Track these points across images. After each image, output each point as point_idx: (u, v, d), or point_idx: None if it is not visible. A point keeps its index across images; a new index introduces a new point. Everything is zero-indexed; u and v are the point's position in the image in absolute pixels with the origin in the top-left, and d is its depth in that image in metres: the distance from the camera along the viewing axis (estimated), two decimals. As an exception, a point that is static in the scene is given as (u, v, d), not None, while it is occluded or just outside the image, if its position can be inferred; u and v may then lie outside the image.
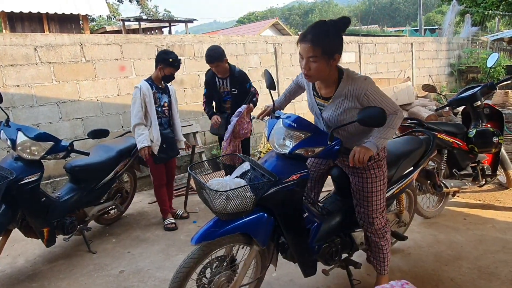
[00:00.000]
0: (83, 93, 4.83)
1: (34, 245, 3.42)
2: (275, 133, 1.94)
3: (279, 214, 1.92)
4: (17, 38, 4.35)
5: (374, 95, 1.87)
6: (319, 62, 1.80)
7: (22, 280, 2.92)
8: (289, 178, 1.85)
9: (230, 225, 1.84)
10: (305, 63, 1.83)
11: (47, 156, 2.93)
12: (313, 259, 2.15)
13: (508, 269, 2.64)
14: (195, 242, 1.81)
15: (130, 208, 4.19)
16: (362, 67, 8.54)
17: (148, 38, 5.47)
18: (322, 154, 1.86)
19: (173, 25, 15.48)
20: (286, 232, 1.98)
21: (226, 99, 3.96)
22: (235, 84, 3.86)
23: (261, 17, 43.72)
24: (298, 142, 1.85)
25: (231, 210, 1.78)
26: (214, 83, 3.92)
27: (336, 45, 1.82)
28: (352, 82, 1.89)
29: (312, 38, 1.77)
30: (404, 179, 2.48)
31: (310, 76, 1.87)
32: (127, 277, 2.87)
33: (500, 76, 10.50)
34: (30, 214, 2.86)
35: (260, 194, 1.84)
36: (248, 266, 1.97)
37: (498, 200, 3.93)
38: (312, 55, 1.79)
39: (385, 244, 2.27)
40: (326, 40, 1.78)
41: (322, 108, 2.03)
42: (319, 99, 2.04)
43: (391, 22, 45.80)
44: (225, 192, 1.76)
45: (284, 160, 1.92)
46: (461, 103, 3.79)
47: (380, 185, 2.12)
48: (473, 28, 14.89)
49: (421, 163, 2.62)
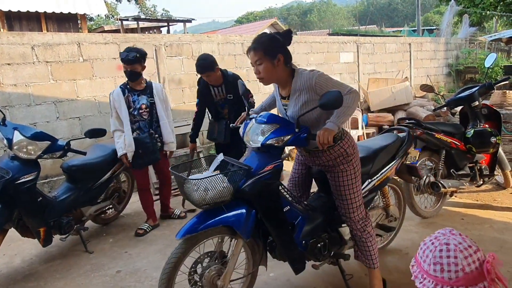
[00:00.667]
0: (81, 92, 4.81)
1: (30, 245, 3.40)
2: (249, 131, 2.09)
3: (258, 205, 2.03)
4: (14, 37, 4.33)
5: (324, 82, 2.03)
6: (264, 64, 2.02)
7: (19, 280, 2.90)
8: (264, 169, 1.99)
9: (213, 219, 1.95)
10: (255, 68, 2.06)
11: (44, 155, 2.92)
12: (300, 252, 2.21)
13: (506, 269, 2.64)
14: (179, 237, 1.93)
15: (128, 208, 4.17)
16: (360, 67, 8.55)
17: (146, 38, 5.46)
18: (291, 141, 2.00)
19: (171, 24, 15.44)
20: (268, 223, 2.08)
21: (224, 105, 3.82)
22: (230, 89, 3.68)
23: (259, 17, 43.71)
24: (268, 134, 2.00)
25: (210, 200, 1.91)
26: (209, 92, 3.74)
27: (276, 46, 2.03)
28: (301, 76, 2.07)
29: (254, 46, 2.03)
30: (382, 171, 2.57)
31: (262, 78, 2.06)
32: (124, 277, 2.86)
33: (498, 76, 10.53)
34: (27, 213, 2.85)
35: (237, 184, 1.96)
36: (236, 256, 2.04)
37: (496, 200, 3.93)
38: (257, 59, 2.02)
39: (368, 237, 2.30)
40: (266, 43, 2.02)
41: (286, 108, 2.19)
42: (283, 101, 2.21)
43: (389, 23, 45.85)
44: (202, 180, 1.88)
45: (259, 154, 2.07)
46: (459, 103, 3.80)
47: (352, 179, 2.20)
48: (471, 28, 14.91)
49: (398, 156, 2.69)
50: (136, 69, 3.38)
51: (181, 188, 1.98)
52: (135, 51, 3.34)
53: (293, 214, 2.22)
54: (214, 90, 3.74)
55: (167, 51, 5.56)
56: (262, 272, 2.64)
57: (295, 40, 7.30)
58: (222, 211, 1.98)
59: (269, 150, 2.04)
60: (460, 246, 1.06)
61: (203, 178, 1.90)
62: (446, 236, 1.10)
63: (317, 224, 2.33)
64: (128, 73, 3.38)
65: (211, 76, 3.59)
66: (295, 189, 2.49)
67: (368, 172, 2.45)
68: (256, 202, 2.02)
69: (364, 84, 8.38)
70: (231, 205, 2.01)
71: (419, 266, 1.12)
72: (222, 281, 2.01)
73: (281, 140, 1.98)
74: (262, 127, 2.03)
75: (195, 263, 2.04)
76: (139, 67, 3.38)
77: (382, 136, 2.88)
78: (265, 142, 1.99)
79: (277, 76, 2.08)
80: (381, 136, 2.90)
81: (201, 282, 2.02)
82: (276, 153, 2.06)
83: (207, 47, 5.99)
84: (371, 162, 2.47)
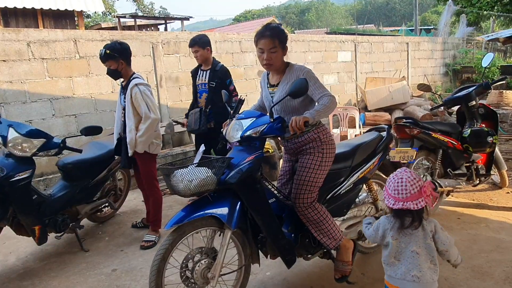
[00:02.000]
0: (77, 90, 4.78)
1: (25, 243, 3.38)
2: (230, 129, 2.21)
3: (242, 195, 2.11)
4: (10, 33, 4.30)
5: (311, 78, 2.20)
6: (278, 52, 2.22)
7: (13, 279, 2.88)
8: (245, 160, 2.09)
9: (199, 210, 2.04)
10: (267, 54, 2.21)
11: (39, 153, 2.89)
12: (289, 242, 2.27)
13: (502, 268, 2.65)
14: (167, 227, 1.98)
15: (124, 206, 4.15)
16: (358, 66, 8.55)
17: (143, 35, 5.43)
18: (267, 130, 2.09)
19: (169, 22, 15.42)
20: (254, 213, 2.15)
21: (202, 92, 3.91)
22: (215, 77, 3.82)
23: (257, 16, 43.65)
24: (246, 127, 2.13)
25: (195, 190, 1.98)
26: (196, 75, 3.96)
27: (285, 39, 2.26)
28: (294, 68, 2.29)
29: (270, 33, 2.20)
30: (365, 165, 2.68)
31: (271, 64, 2.25)
32: (120, 275, 2.84)
33: (495, 76, 10.56)
34: (21, 211, 2.82)
35: (219, 174, 2.05)
36: (225, 247, 2.08)
37: (492, 200, 3.94)
38: (272, 46, 2.20)
39: (318, 216, 2.27)
40: (281, 33, 2.24)
41: (273, 94, 2.36)
42: (270, 88, 2.38)
43: (387, 22, 45.89)
44: (186, 170, 1.98)
45: (240, 148, 2.19)
46: (456, 102, 3.80)
47: (317, 165, 2.28)
48: (468, 28, 14.97)
49: (377, 151, 2.78)
50: (110, 66, 3.11)
51: (168, 182, 2.05)
52: (107, 47, 3.06)
53: (279, 207, 2.32)
54: (200, 73, 3.93)
55: (165, 49, 5.54)
56: (258, 271, 2.64)
57: (293, 39, 7.29)
58: (209, 203, 2.08)
59: (250, 144, 2.16)
60: (409, 178, 1.76)
61: (187, 169, 1.99)
62: (401, 173, 1.80)
63: None
64: (110, 71, 3.16)
65: (199, 52, 3.76)
66: (283, 186, 2.54)
67: (350, 165, 2.59)
68: (240, 192, 2.10)
69: (361, 83, 8.38)
70: (217, 198, 2.11)
71: (386, 192, 1.83)
72: (212, 273, 2.04)
73: (258, 131, 2.09)
74: (241, 122, 2.16)
75: (186, 259, 2.09)
76: (113, 63, 3.09)
77: (364, 135, 3.01)
78: (243, 134, 2.11)
79: (280, 64, 2.28)
80: (363, 135, 3.03)
81: (192, 277, 2.06)
82: (256, 145, 2.16)
83: (205, 45, 5.96)
84: (352, 157, 2.59)
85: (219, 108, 3.79)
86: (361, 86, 8.13)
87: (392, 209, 1.79)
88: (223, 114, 3.89)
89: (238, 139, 2.15)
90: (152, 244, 3.27)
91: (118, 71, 3.15)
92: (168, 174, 2.04)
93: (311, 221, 2.29)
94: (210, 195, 2.12)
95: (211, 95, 3.81)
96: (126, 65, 3.18)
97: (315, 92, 2.20)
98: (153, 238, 3.31)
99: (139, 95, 3.08)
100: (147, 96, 3.11)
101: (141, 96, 3.08)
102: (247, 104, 6.54)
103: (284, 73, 2.31)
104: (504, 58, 14.21)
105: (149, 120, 3.09)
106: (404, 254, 1.79)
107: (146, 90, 3.13)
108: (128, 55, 3.19)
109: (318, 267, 2.74)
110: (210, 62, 3.85)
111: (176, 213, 2.08)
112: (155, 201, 3.41)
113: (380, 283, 2.54)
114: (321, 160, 2.29)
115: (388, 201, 1.80)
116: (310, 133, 2.28)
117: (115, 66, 3.11)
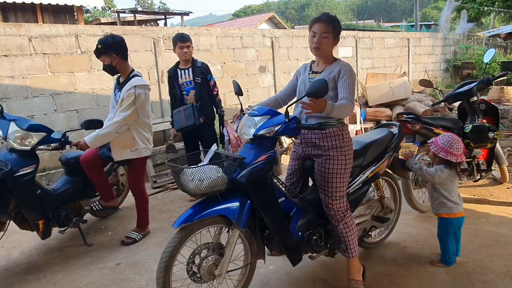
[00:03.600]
0: (79, 85, 4.78)
1: (29, 238, 3.40)
2: (243, 124, 2.17)
3: (253, 195, 2.07)
4: (11, 28, 4.29)
5: (347, 75, 2.19)
6: (329, 38, 2.21)
7: (17, 273, 2.90)
8: (258, 159, 2.05)
9: (208, 209, 2.00)
10: (318, 38, 2.20)
11: (39, 146, 2.87)
12: (296, 242, 2.26)
13: (502, 262, 2.67)
14: (176, 226, 1.97)
15: (126, 201, 4.16)
16: (358, 62, 8.55)
17: (145, 30, 5.42)
18: (281, 131, 2.04)
19: (168, 17, 15.35)
20: (263, 213, 2.12)
21: (189, 89, 3.97)
22: (198, 73, 3.93)
23: (257, 11, 43.49)
24: (260, 125, 2.07)
25: (205, 190, 1.95)
26: (176, 75, 3.98)
27: (339, 30, 2.26)
28: (340, 62, 2.29)
29: (326, 19, 2.21)
30: (375, 164, 2.64)
31: (320, 49, 2.22)
32: (124, 269, 2.86)
33: (495, 72, 10.56)
34: (25, 206, 2.84)
35: (231, 174, 2.01)
36: (233, 245, 2.08)
37: (493, 195, 3.96)
38: (325, 31, 2.19)
39: (344, 228, 2.34)
40: (337, 23, 2.25)
41: (312, 80, 2.29)
42: (312, 75, 2.35)
43: (387, 17, 45.75)
44: (197, 169, 1.94)
45: (252, 145, 2.14)
46: (457, 98, 3.81)
47: (341, 169, 2.27)
48: (469, 24, 14.93)
49: (389, 149, 2.74)
50: (104, 61, 3.00)
51: (177, 180, 2.02)
52: (99, 42, 2.95)
53: (288, 206, 2.28)
54: (181, 72, 3.98)
55: (166, 44, 5.53)
56: (261, 265, 2.66)
57: (293, 34, 7.28)
58: (218, 201, 2.04)
59: (262, 142, 2.11)
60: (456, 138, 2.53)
61: (198, 168, 1.95)
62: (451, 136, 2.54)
63: (312, 216, 2.39)
64: (106, 67, 3.05)
65: (190, 48, 3.89)
66: (292, 185, 2.52)
67: (360, 164, 2.54)
68: (250, 191, 2.07)
69: (362, 79, 8.38)
70: (226, 196, 2.06)
71: (436, 143, 2.56)
72: (219, 270, 2.05)
73: (272, 131, 2.04)
74: (254, 119, 2.10)
75: (193, 254, 2.08)
76: (106, 58, 2.97)
77: (374, 131, 2.94)
78: (257, 132, 2.06)
79: (328, 52, 2.28)
80: (373, 131, 2.96)
81: (199, 272, 2.06)
82: (268, 144, 2.12)
83: (206, 40, 5.96)
84: (363, 155, 2.54)
85: (206, 103, 3.99)
86: (362, 82, 8.13)
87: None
88: (211, 109, 4.04)
89: (250, 137, 2.10)
90: (132, 241, 3.24)
91: (113, 66, 3.02)
92: (177, 171, 2.01)
93: (340, 227, 2.33)
94: (219, 193, 2.08)
95: (198, 91, 3.93)
96: (122, 59, 3.03)
97: (340, 91, 2.18)
98: (134, 236, 3.28)
99: (131, 98, 2.93)
100: (139, 102, 2.97)
101: (133, 101, 2.93)
102: (247, 100, 6.55)
103: (330, 64, 2.29)
104: (505, 54, 14.20)
105: (121, 117, 2.91)
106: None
107: (142, 94, 2.98)
108: (122, 49, 3.02)
109: (321, 262, 2.76)
110: (190, 61, 3.97)
111: (181, 209, 2.08)
112: (140, 204, 3.32)
113: (382, 276, 2.58)
114: (345, 163, 2.28)
115: (434, 149, 2.55)
116: (336, 128, 2.25)
117: (108, 61, 2.99)
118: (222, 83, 6.10)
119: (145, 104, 3.06)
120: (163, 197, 4.46)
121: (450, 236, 2.61)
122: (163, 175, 4.97)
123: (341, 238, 2.37)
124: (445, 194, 2.60)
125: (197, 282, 2.10)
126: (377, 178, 2.73)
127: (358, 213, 2.69)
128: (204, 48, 5.95)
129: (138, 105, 2.97)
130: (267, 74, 6.94)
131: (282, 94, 2.55)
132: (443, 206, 2.61)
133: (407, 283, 2.49)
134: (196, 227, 2.02)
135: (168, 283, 1.99)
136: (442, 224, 2.65)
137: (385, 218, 2.81)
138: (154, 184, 4.84)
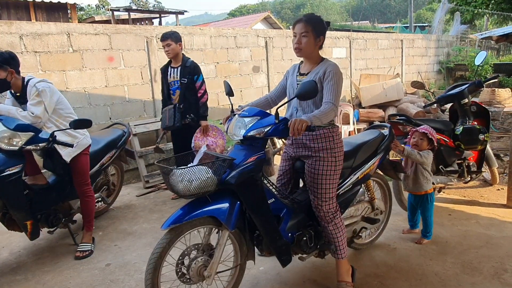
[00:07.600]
0: (70, 84, 4.74)
1: (18, 238, 3.36)
2: (232, 125, 2.17)
3: (242, 196, 2.08)
4: (2, 26, 4.24)
5: (332, 76, 2.18)
6: (309, 38, 2.20)
7: (6, 273, 2.87)
8: (248, 160, 2.05)
9: (197, 210, 2.00)
10: (298, 38, 2.21)
11: (26, 146, 2.83)
12: (286, 243, 2.26)
13: (491, 264, 2.69)
14: (165, 227, 1.96)
15: (117, 201, 4.15)
16: (352, 63, 8.57)
17: (138, 29, 5.39)
18: (271, 132, 2.05)
19: (163, 16, 15.30)
20: (253, 214, 2.12)
21: (175, 89, 3.99)
22: (185, 74, 3.91)
23: (252, 10, 43.42)
24: (250, 126, 2.07)
25: (194, 191, 1.95)
26: (166, 73, 4.01)
27: (322, 29, 2.25)
28: (327, 63, 2.28)
29: (305, 18, 2.22)
30: (365, 165, 2.65)
31: (300, 49, 2.23)
32: (113, 270, 2.85)
33: (488, 74, 10.65)
34: (13, 206, 2.79)
35: (221, 175, 2.01)
36: (222, 247, 2.08)
37: (483, 197, 3.99)
38: (304, 31, 2.19)
39: (333, 230, 2.36)
40: (317, 22, 2.23)
41: (299, 82, 2.32)
42: (299, 76, 2.36)
43: (382, 19, 45.95)
44: (186, 170, 1.93)
45: (242, 146, 2.15)
46: (449, 100, 3.84)
47: (331, 170, 2.28)
48: (462, 26, 15.04)
49: (379, 151, 2.76)
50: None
51: (167, 180, 2.02)
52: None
53: (278, 207, 2.28)
54: (171, 71, 3.99)
55: (159, 43, 5.49)
56: (251, 266, 2.66)
57: (288, 35, 7.28)
58: (207, 202, 2.04)
59: (252, 143, 2.11)
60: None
61: (188, 169, 1.94)
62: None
63: (302, 217, 2.40)
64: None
65: (171, 46, 3.85)
66: (283, 186, 2.52)
67: (351, 166, 2.55)
68: (240, 193, 2.07)
69: (356, 80, 8.41)
70: (215, 197, 2.06)
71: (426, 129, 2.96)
72: (208, 272, 2.05)
73: (262, 132, 2.05)
74: (244, 120, 2.11)
75: (182, 255, 2.08)
76: (1, 73, 2.83)
77: (365, 132, 2.95)
78: (247, 133, 2.07)
79: (311, 52, 2.27)
80: (364, 132, 2.98)
81: (188, 274, 2.06)
82: (258, 145, 2.12)
83: (199, 40, 5.94)
84: (353, 156, 2.55)
85: (191, 104, 3.95)
86: (356, 83, 8.15)
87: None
88: (196, 110, 4.00)
89: (240, 138, 2.11)
90: (88, 253, 3.07)
91: (5, 80, 2.86)
92: (166, 172, 2.00)
93: (329, 228, 2.35)
94: (208, 194, 2.08)
95: (183, 92, 3.91)
96: (16, 74, 2.92)
97: (325, 94, 2.18)
98: (88, 247, 3.13)
99: (41, 94, 2.87)
100: (45, 94, 2.89)
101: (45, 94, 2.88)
102: (240, 100, 6.54)
103: (317, 65, 2.29)
104: (497, 56, 14.33)
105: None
106: None
107: (46, 87, 2.91)
108: (17, 64, 2.93)
109: (311, 263, 2.76)
110: (180, 59, 3.95)
111: (173, 209, 2.07)
112: (87, 204, 3.21)
113: (372, 277, 2.58)
114: (335, 165, 2.29)
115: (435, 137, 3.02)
116: (326, 129, 2.27)
117: (2, 75, 2.83)
118: (215, 83, 6.09)
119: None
120: (155, 197, 4.44)
121: (431, 209, 3.04)
122: (155, 175, 4.94)
123: (331, 239, 2.38)
124: (427, 173, 3.01)
125: (186, 283, 2.10)
126: (367, 179, 2.74)
127: (348, 214, 2.70)
128: (198, 47, 5.93)
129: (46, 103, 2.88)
130: (261, 74, 6.94)
131: (273, 95, 2.55)
132: (428, 183, 3.01)
133: (397, 284, 2.51)
134: (186, 228, 2.02)
135: (157, 284, 1.98)
136: (426, 200, 3.04)
137: (375, 219, 2.82)
138: (146, 184, 4.81)
